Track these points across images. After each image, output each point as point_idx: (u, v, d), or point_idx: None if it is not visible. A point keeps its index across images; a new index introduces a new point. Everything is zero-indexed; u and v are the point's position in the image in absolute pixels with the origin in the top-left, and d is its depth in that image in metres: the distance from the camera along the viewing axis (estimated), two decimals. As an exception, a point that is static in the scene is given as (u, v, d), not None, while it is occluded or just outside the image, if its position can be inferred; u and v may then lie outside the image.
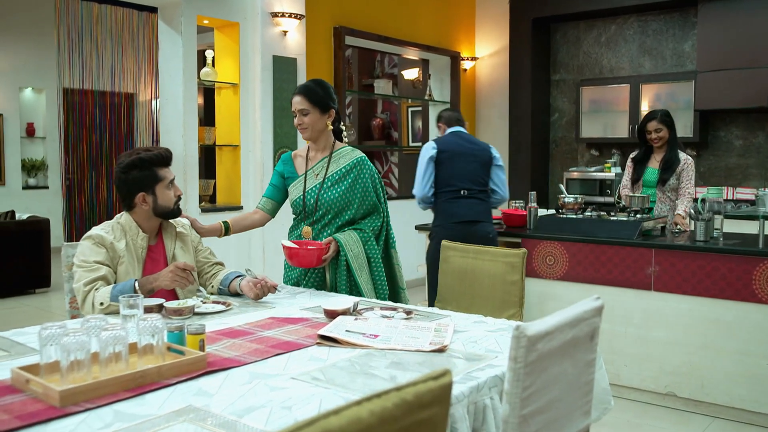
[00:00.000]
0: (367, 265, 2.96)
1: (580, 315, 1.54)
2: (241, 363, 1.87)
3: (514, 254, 2.84)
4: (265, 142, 5.70)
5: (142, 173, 2.62)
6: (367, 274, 2.95)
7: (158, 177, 2.64)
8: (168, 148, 2.73)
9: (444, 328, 2.21)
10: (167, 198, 2.67)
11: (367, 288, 2.92)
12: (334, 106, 3.01)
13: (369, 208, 3.01)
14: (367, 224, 3.01)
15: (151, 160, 2.64)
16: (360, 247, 2.95)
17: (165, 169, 2.68)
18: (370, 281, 2.95)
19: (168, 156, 2.70)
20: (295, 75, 5.87)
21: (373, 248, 2.98)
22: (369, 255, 2.97)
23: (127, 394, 1.63)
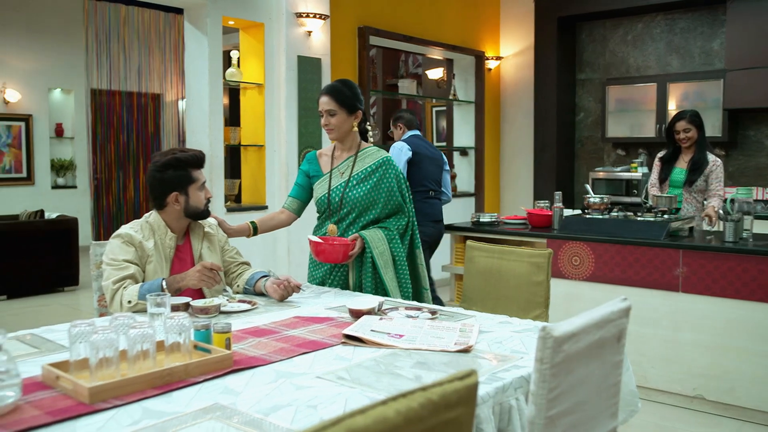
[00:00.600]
0: (392, 264, 2.96)
1: (607, 316, 1.53)
2: (267, 362, 1.88)
3: (540, 254, 2.82)
4: (290, 142, 5.72)
5: (177, 173, 2.65)
6: (392, 272, 2.96)
7: (192, 178, 2.68)
8: (202, 151, 2.77)
9: (469, 328, 2.21)
10: (198, 199, 2.70)
11: (392, 286, 2.93)
12: (360, 107, 3.02)
13: (394, 207, 3.02)
14: (392, 223, 3.01)
15: (186, 161, 2.67)
16: (385, 245, 2.95)
17: (198, 171, 2.71)
18: (394, 279, 2.95)
19: (202, 158, 2.74)
20: (319, 75, 5.89)
21: (398, 247, 2.99)
22: (394, 253, 2.97)
23: (155, 391, 1.64)
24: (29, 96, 9.46)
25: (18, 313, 6.24)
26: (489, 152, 7.92)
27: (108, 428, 1.43)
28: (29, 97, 9.45)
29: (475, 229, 4.72)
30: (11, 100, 9.24)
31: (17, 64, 9.24)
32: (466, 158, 7.88)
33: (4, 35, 8.83)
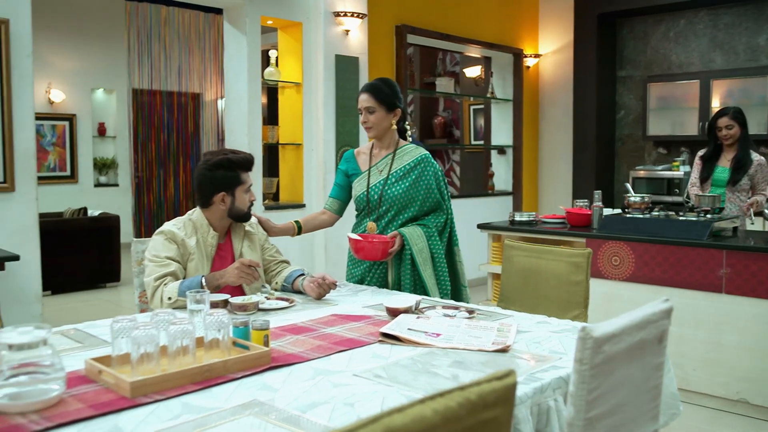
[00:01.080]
0: (431, 261, 2.96)
1: (649, 317, 1.50)
2: (305, 359, 1.89)
3: (579, 254, 2.79)
4: (328, 141, 5.75)
5: (226, 174, 2.68)
6: (431, 269, 2.95)
7: (240, 180, 2.71)
8: (252, 154, 2.80)
9: (507, 328, 2.19)
10: (243, 201, 2.72)
11: (431, 283, 2.92)
12: (400, 105, 3.03)
13: (432, 204, 3.02)
14: (431, 220, 3.01)
15: (237, 162, 2.70)
16: (424, 242, 2.95)
17: (246, 174, 2.75)
18: (433, 277, 2.95)
19: (252, 161, 2.77)
20: (357, 74, 5.90)
21: (437, 244, 2.98)
22: (432, 251, 2.97)
23: (194, 386, 1.66)
24: (73, 96, 9.66)
25: (62, 308, 6.39)
26: (527, 151, 7.86)
27: (149, 422, 1.45)
28: (73, 97, 9.66)
29: (512, 228, 4.68)
30: (56, 100, 9.46)
31: (61, 64, 9.45)
32: (503, 157, 7.82)
33: (50, 37, 9.03)
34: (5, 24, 4.08)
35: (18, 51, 4.15)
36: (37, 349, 1.54)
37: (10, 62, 4.10)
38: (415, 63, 8.78)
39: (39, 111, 9.64)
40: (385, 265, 3.02)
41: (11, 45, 4.11)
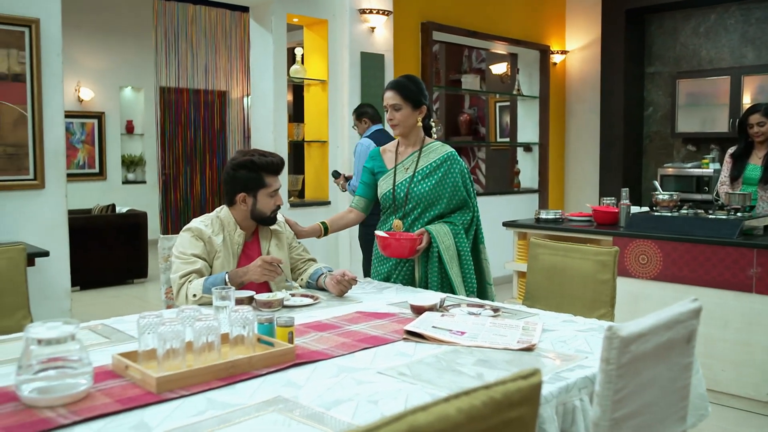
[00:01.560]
0: (457, 258, 2.95)
1: (677, 317, 1.48)
2: (329, 356, 1.89)
3: (606, 252, 2.76)
4: (353, 138, 5.75)
5: (249, 175, 2.68)
6: (458, 267, 2.95)
7: (263, 183, 2.69)
8: (282, 158, 2.76)
9: (532, 326, 2.17)
10: (266, 205, 2.71)
11: (457, 281, 2.92)
12: (425, 102, 3.01)
13: (459, 202, 3.01)
14: (458, 218, 3.00)
15: (261, 165, 2.69)
16: (451, 239, 2.94)
17: (272, 177, 2.72)
18: (460, 275, 2.94)
19: (279, 165, 2.74)
20: (382, 71, 5.90)
21: (463, 241, 2.97)
22: (459, 248, 2.96)
23: (219, 382, 1.67)
24: (102, 94, 9.79)
25: (90, 303, 6.48)
26: (554, 148, 7.79)
27: (174, 417, 1.46)
28: (101, 95, 9.78)
29: (538, 226, 4.65)
30: (85, 98, 9.59)
31: (90, 63, 9.58)
32: (529, 154, 7.77)
33: (79, 36, 9.15)
34: (36, 24, 4.14)
35: (48, 50, 4.21)
36: (65, 344, 1.56)
37: (40, 61, 4.16)
38: (441, 60, 8.75)
39: (68, 109, 9.77)
40: (411, 263, 3.02)
41: (42, 44, 4.17)
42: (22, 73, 4.13)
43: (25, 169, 4.18)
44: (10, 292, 2.58)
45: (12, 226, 4.13)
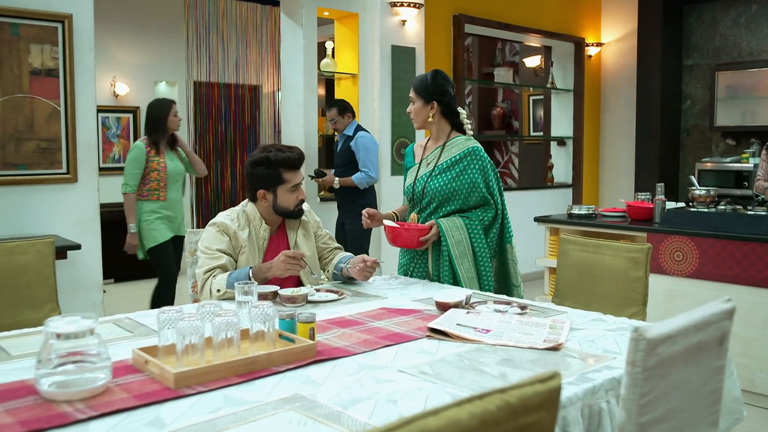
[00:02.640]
0: (471, 255, 2.89)
1: (708, 318, 1.42)
2: (350, 353, 1.87)
3: (638, 249, 2.68)
4: (383, 132, 5.72)
5: (266, 172, 2.66)
6: (470, 263, 2.89)
7: (281, 179, 2.66)
8: (300, 152, 2.72)
9: (560, 325, 2.12)
10: (287, 200, 2.69)
11: (466, 277, 2.86)
12: (437, 97, 2.94)
13: (478, 200, 2.94)
14: (476, 214, 2.94)
15: (277, 161, 2.65)
16: (463, 234, 2.88)
17: (291, 173, 2.67)
18: (472, 270, 2.88)
19: (296, 160, 2.69)
20: (413, 65, 5.85)
21: (479, 238, 2.90)
22: (474, 244, 2.90)
23: (238, 379, 1.66)
24: (137, 89, 9.88)
25: (123, 296, 6.56)
26: (588, 142, 7.66)
27: (190, 414, 1.45)
28: (137, 90, 9.87)
29: (570, 222, 4.56)
30: (120, 93, 9.69)
31: (126, 58, 9.67)
32: (563, 148, 7.65)
33: (114, 31, 9.25)
34: (68, 19, 4.18)
35: (81, 45, 4.24)
36: (84, 339, 1.56)
37: (73, 56, 4.20)
38: (474, 53, 8.65)
39: (104, 104, 9.91)
40: (426, 257, 2.99)
41: (74, 40, 4.21)
42: (55, 68, 4.17)
43: (58, 163, 4.23)
44: (38, 284, 2.61)
45: (45, 219, 4.18)
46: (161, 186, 4.67)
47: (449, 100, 2.97)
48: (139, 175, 4.65)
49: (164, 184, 4.67)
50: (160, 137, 4.64)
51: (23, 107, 4.08)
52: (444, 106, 2.96)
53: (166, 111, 4.63)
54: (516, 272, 3.02)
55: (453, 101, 3.00)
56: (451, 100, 2.99)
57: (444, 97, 2.96)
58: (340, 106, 5.18)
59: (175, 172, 4.69)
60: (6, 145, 4.04)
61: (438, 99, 2.94)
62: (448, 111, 2.99)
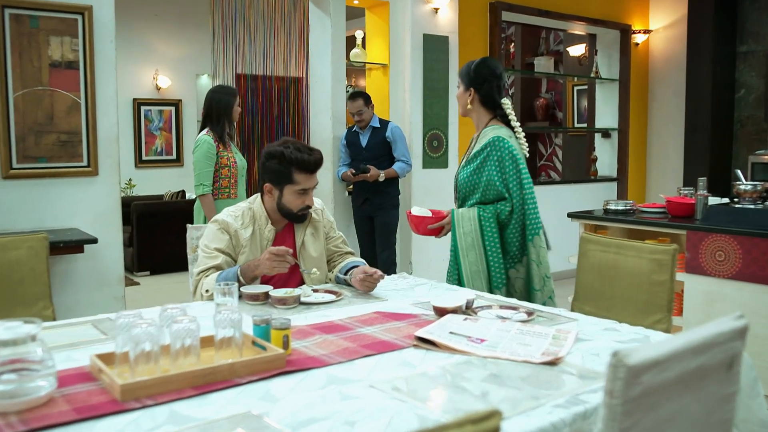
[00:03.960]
0: (481, 248, 2.77)
1: (712, 339, 1.21)
2: (324, 363, 1.71)
3: (663, 250, 2.44)
4: (414, 124, 5.54)
5: (278, 167, 2.51)
6: (476, 256, 2.76)
7: (291, 179, 2.50)
8: (319, 157, 2.53)
9: (564, 335, 1.92)
10: (292, 202, 2.53)
11: (470, 271, 2.75)
12: (474, 85, 2.87)
13: (495, 195, 2.78)
14: (493, 207, 2.79)
15: (291, 160, 2.49)
16: (474, 225, 2.77)
17: (304, 175, 2.50)
18: (478, 264, 2.76)
19: (313, 163, 2.50)
20: (446, 54, 5.65)
21: (491, 231, 2.75)
22: (484, 236, 2.76)
23: (193, 392, 1.52)
24: (179, 82, 9.92)
25: (157, 288, 6.56)
26: (634, 134, 7.31)
27: (125, 433, 1.32)
28: (178, 83, 9.92)
29: (605, 218, 4.31)
30: (162, 86, 9.75)
31: (168, 51, 9.72)
32: (608, 140, 7.33)
33: (158, 24, 9.31)
34: (88, 11, 4.12)
35: (101, 37, 4.18)
36: (25, 345, 1.45)
37: (93, 48, 4.15)
38: (517, 42, 8.39)
39: (147, 97, 9.99)
40: None
41: (95, 31, 4.15)
42: (75, 60, 4.13)
43: (78, 156, 4.19)
44: (30, 281, 2.53)
45: (66, 212, 4.15)
46: (232, 183, 4.25)
47: (489, 89, 2.86)
48: (212, 173, 4.18)
49: (235, 181, 4.26)
50: (225, 129, 4.26)
51: (43, 100, 4.05)
52: (482, 94, 2.87)
53: (233, 99, 4.27)
54: (540, 275, 2.77)
55: (494, 91, 2.88)
56: (492, 90, 2.87)
57: (482, 85, 2.86)
58: (366, 96, 5.03)
59: (242, 166, 4.31)
60: (26, 138, 4.01)
61: (476, 86, 2.87)
62: (488, 100, 2.88)
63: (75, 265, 4.18)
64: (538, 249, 2.79)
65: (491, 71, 2.86)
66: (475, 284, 2.74)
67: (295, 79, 5.88)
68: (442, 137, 5.68)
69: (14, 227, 3.99)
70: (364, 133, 5.07)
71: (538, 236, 2.78)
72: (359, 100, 4.96)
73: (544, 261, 2.79)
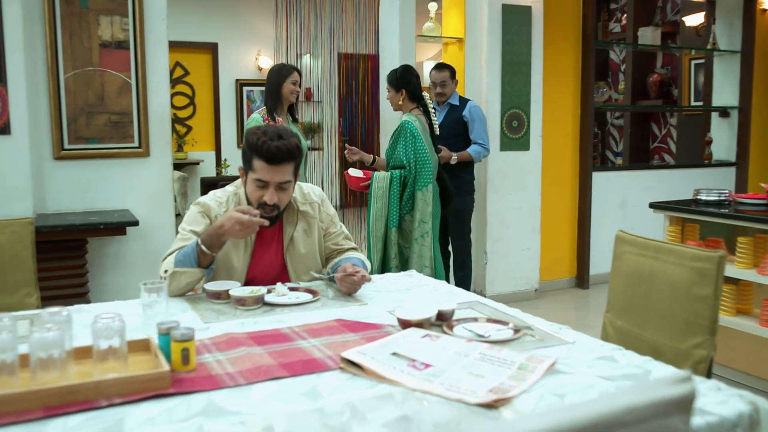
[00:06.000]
0: (386, 198, 3.90)
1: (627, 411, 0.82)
2: (216, 386, 1.43)
3: (706, 257, 1.95)
4: (491, 102, 5.11)
5: (245, 149, 2.26)
6: (382, 204, 3.90)
7: (251, 166, 2.23)
8: (288, 147, 2.18)
9: (534, 365, 1.53)
10: (251, 193, 2.26)
11: (374, 217, 3.91)
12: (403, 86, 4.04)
13: (399, 163, 3.96)
14: (399, 171, 3.96)
15: (252, 145, 2.19)
16: (385, 183, 3.92)
17: (262, 165, 2.17)
18: (382, 210, 3.91)
19: (271, 151, 2.15)
20: (528, 26, 5.15)
21: (395, 187, 3.92)
22: (391, 190, 3.91)
23: (44, 413, 1.30)
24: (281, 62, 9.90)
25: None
26: (758, 113, 6.42)
27: None
28: (281, 64, 9.90)
29: (693, 210, 3.73)
30: (264, 67, 9.77)
31: (269, 32, 9.72)
32: (726, 120, 6.49)
33: (259, 5, 9.31)
34: (139, -13, 4.04)
35: (152, 16, 4.09)
36: None
37: (144, 27, 4.07)
38: (629, 12, 7.63)
39: (249, 77, 10.08)
40: None
41: (145, 10, 4.07)
42: (125, 39, 4.06)
43: (129, 137, 4.14)
44: (13, 268, 2.43)
45: (117, 193, 4.13)
46: None
47: (414, 88, 4.04)
48: None
49: None
50: (276, 107, 4.23)
51: (94, 80, 4.02)
52: (410, 92, 4.05)
53: (282, 78, 4.22)
54: (419, 217, 3.94)
55: (417, 89, 4.06)
56: (416, 88, 4.05)
57: (409, 86, 4.04)
58: (453, 70, 4.66)
59: None
60: (77, 119, 4.00)
61: (406, 87, 4.04)
62: (413, 96, 4.05)
63: (126, 246, 4.16)
64: (425, 198, 3.93)
65: (414, 75, 4.08)
66: (376, 225, 3.90)
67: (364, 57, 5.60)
68: (522, 117, 5.21)
69: (66, 208, 4.01)
70: (440, 110, 4.71)
71: (426, 189, 3.93)
72: (445, 72, 4.61)
73: (422, 208, 3.93)
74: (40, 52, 3.89)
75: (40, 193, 3.94)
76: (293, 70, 4.24)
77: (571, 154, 5.66)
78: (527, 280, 5.39)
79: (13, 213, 3.73)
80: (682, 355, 1.97)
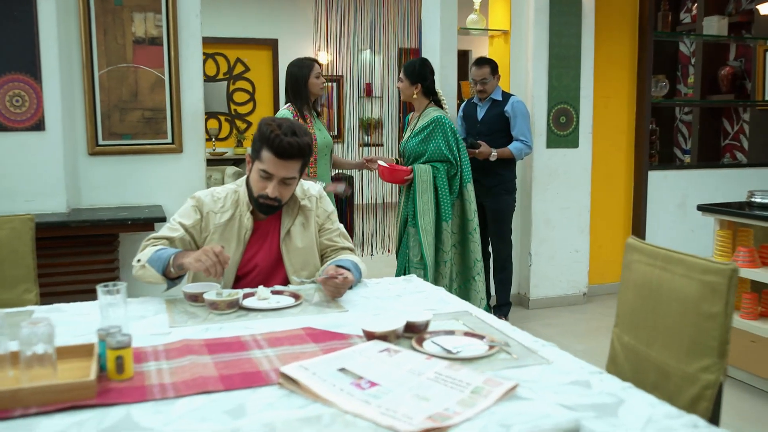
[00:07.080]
0: (433, 190, 3.98)
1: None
2: (143, 399, 1.35)
3: (717, 270, 1.73)
4: (537, 97, 4.89)
5: (256, 139, 2.21)
6: (429, 196, 3.96)
7: (259, 156, 2.18)
8: (300, 144, 2.14)
9: (491, 387, 1.38)
10: (254, 182, 2.21)
11: (422, 210, 3.95)
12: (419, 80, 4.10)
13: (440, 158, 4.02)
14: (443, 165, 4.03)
15: (264, 136, 2.15)
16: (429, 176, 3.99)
17: (270, 156, 2.13)
18: (430, 203, 3.96)
19: (283, 146, 2.11)
20: (578, 17, 4.90)
21: (442, 179, 4.00)
22: (437, 182, 3.99)
23: (-47, 424, 1.25)
24: (340, 58, 9.87)
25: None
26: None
27: None
28: (340, 59, 9.87)
29: (746, 214, 3.45)
30: (323, 62, 9.75)
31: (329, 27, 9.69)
32: (802, 116, 6.04)
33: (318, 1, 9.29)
34: (172, -15, 4.04)
35: (186, 12, 4.09)
36: None
37: (177, 24, 4.07)
38: (699, 2, 7.19)
39: (309, 73, 10.08)
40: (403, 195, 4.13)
41: (178, 6, 4.06)
42: (158, 36, 4.07)
43: (163, 133, 4.16)
44: (12, 263, 2.44)
45: (150, 189, 4.15)
46: (311, 161, 3.99)
47: (430, 83, 4.14)
48: None
49: (314, 159, 4.02)
50: (304, 103, 4.07)
51: (127, 77, 4.05)
52: (425, 87, 4.13)
53: (306, 71, 4.05)
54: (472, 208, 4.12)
55: (432, 84, 4.16)
56: (431, 84, 4.14)
57: (425, 81, 4.11)
58: (494, 65, 4.47)
59: (324, 144, 4.10)
60: (111, 115, 4.04)
61: (422, 81, 4.10)
62: (428, 91, 4.15)
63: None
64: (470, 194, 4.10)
65: (431, 70, 4.15)
66: (425, 219, 3.93)
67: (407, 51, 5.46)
68: (571, 113, 4.97)
69: (100, 203, 4.05)
70: (482, 105, 4.53)
71: (470, 184, 4.10)
72: (486, 68, 4.43)
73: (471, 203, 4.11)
74: (74, 48, 3.93)
75: (75, 189, 3.99)
76: (314, 63, 4.10)
77: (626, 151, 5.36)
78: (575, 284, 5.14)
79: (47, 208, 3.79)
80: (688, 379, 1.76)
